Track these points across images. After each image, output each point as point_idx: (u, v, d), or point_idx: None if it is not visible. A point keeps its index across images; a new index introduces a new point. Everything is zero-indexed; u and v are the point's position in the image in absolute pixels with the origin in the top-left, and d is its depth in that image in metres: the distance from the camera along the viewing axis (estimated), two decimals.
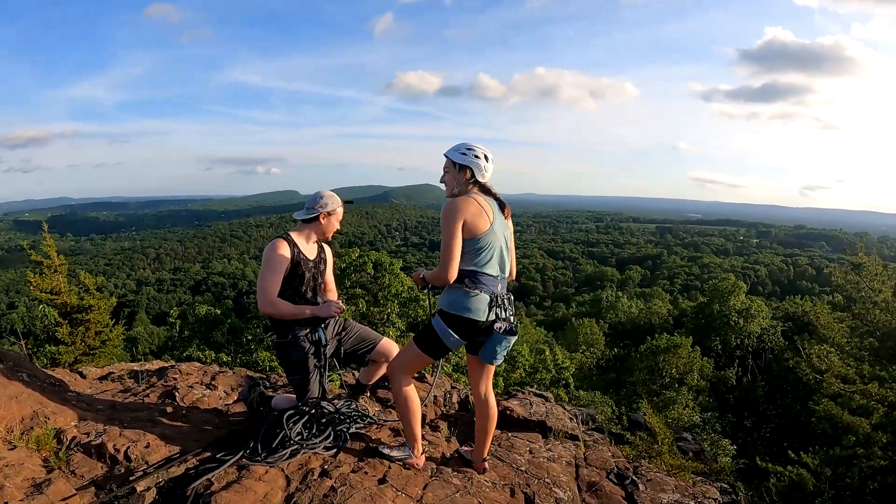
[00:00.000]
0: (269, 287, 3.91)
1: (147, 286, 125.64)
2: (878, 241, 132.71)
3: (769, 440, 22.46)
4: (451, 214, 3.45)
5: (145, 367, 5.86)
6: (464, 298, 3.50)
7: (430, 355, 3.68)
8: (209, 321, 14.58)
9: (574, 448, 4.65)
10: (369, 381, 4.73)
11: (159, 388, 4.84)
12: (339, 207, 4.21)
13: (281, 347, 4.10)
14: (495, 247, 3.59)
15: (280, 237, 4.08)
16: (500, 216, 3.67)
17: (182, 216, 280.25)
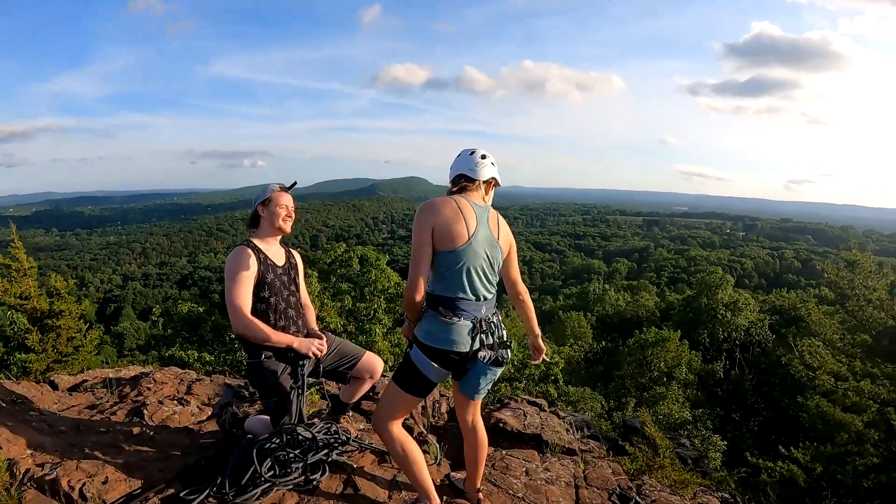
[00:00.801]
0: (240, 303, 3.42)
1: (133, 281, 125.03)
2: (864, 234, 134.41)
3: (758, 434, 22.50)
4: (418, 216, 2.98)
5: (120, 375, 5.52)
6: (440, 329, 2.98)
7: (414, 394, 3.14)
8: (192, 319, 14.26)
9: (573, 465, 4.38)
10: (351, 399, 4.22)
11: (128, 404, 4.48)
12: (275, 193, 3.72)
13: (253, 368, 3.60)
14: (472, 266, 3.01)
15: (241, 244, 3.64)
16: (485, 229, 3.08)
17: (168, 210, 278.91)
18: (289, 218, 3.75)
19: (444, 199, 3.04)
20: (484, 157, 3.17)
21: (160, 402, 4.54)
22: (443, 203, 3.00)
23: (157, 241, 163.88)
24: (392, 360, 12.54)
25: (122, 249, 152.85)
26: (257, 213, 3.73)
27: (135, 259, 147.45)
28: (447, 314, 2.96)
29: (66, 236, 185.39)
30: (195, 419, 4.43)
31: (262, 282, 3.55)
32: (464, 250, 2.96)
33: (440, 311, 2.97)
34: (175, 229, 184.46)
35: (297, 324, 3.73)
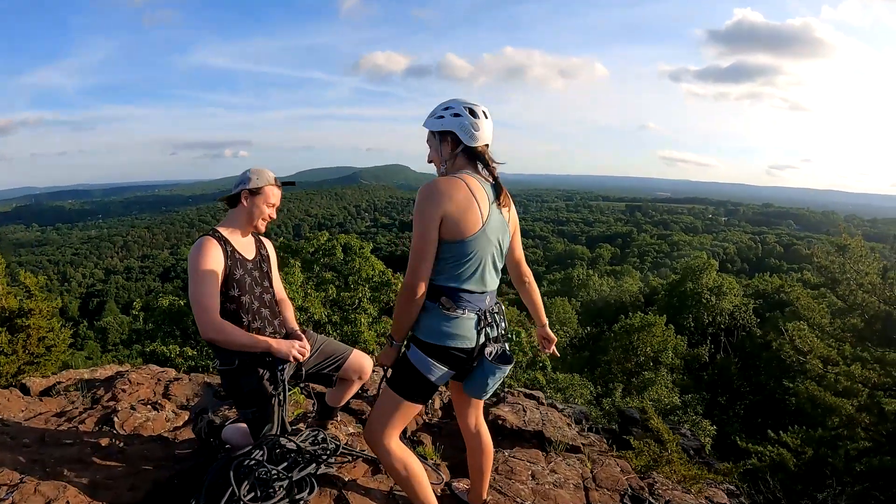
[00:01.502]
0: (208, 303, 2.97)
1: (115, 275, 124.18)
2: (845, 219, 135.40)
3: (744, 417, 22.61)
4: (426, 202, 2.51)
5: (95, 375, 5.22)
6: (443, 322, 2.59)
7: (414, 401, 2.71)
8: (173, 313, 14.00)
9: (579, 465, 4.13)
10: (339, 403, 3.83)
11: (98, 411, 4.09)
12: (269, 186, 3.23)
13: (226, 376, 3.17)
14: (484, 257, 2.64)
15: (206, 234, 3.16)
16: (495, 211, 2.67)
17: (149, 202, 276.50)
18: (270, 219, 3.33)
19: (451, 181, 2.56)
20: (475, 114, 2.66)
21: (132, 407, 4.17)
22: (452, 186, 2.54)
23: (138, 233, 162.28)
24: (378, 350, 12.34)
25: (103, 243, 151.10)
26: (239, 198, 3.24)
27: (116, 253, 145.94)
28: (450, 306, 2.60)
29: (46, 231, 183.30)
30: (170, 425, 4.08)
31: (231, 278, 3.11)
32: (475, 239, 2.57)
33: (442, 302, 2.60)
34: (156, 221, 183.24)
35: (273, 324, 3.33)
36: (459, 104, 2.65)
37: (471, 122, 2.63)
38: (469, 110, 2.64)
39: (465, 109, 2.64)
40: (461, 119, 2.62)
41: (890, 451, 9.26)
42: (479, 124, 2.64)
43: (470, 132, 2.63)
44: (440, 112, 2.68)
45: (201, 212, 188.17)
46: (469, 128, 2.63)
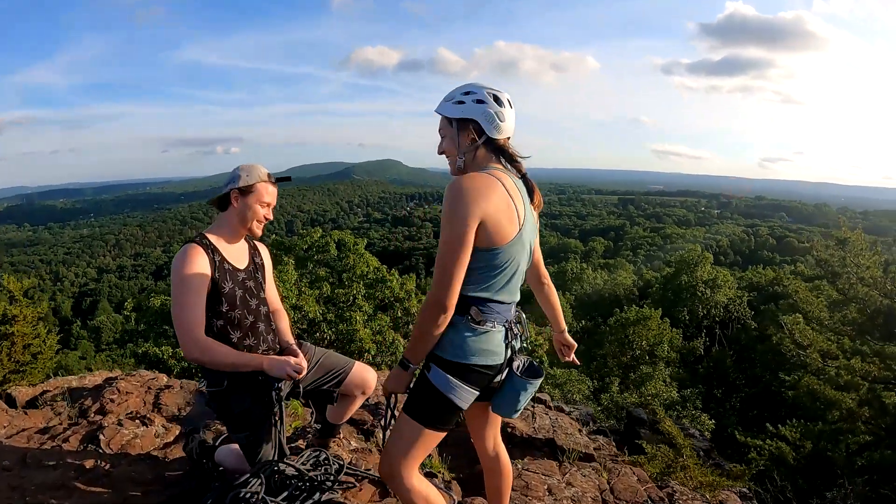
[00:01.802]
0: (191, 319, 2.65)
1: (108, 273, 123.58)
2: (837, 212, 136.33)
3: (740, 410, 22.59)
4: (460, 202, 2.14)
5: (84, 383, 4.99)
6: (471, 338, 2.29)
7: (438, 428, 2.38)
8: (165, 313, 13.82)
9: (595, 475, 3.95)
10: (341, 420, 3.50)
11: (83, 427, 3.79)
12: (262, 183, 2.87)
13: (216, 398, 2.86)
14: (518, 263, 2.35)
15: (191, 241, 2.80)
16: (530, 212, 2.40)
17: (141, 200, 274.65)
18: (266, 220, 2.94)
19: (486, 178, 2.22)
20: (500, 102, 2.34)
21: (119, 422, 3.87)
22: (488, 185, 2.20)
23: (130, 231, 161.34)
24: (374, 349, 12.20)
25: (95, 242, 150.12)
26: (228, 199, 2.88)
27: (109, 251, 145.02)
28: (480, 319, 2.29)
29: (38, 231, 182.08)
30: (160, 442, 3.79)
31: (218, 292, 2.78)
32: (511, 246, 2.26)
33: (472, 315, 2.28)
34: (149, 219, 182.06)
35: (267, 339, 3.01)
36: (482, 89, 2.34)
37: (496, 111, 2.32)
38: (493, 97, 2.33)
39: (490, 96, 2.32)
40: (485, 106, 2.31)
41: (891, 444, 9.24)
42: (505, 114, 2.34)
43: (495, 122, 2.32)
44: (459, 96, 2.36)
45: (193, 209, 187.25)
46: (494, 117, 2.32)
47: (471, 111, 2.31)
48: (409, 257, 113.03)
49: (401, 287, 14.56)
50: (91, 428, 3.80)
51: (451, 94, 2.39)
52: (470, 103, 2.32)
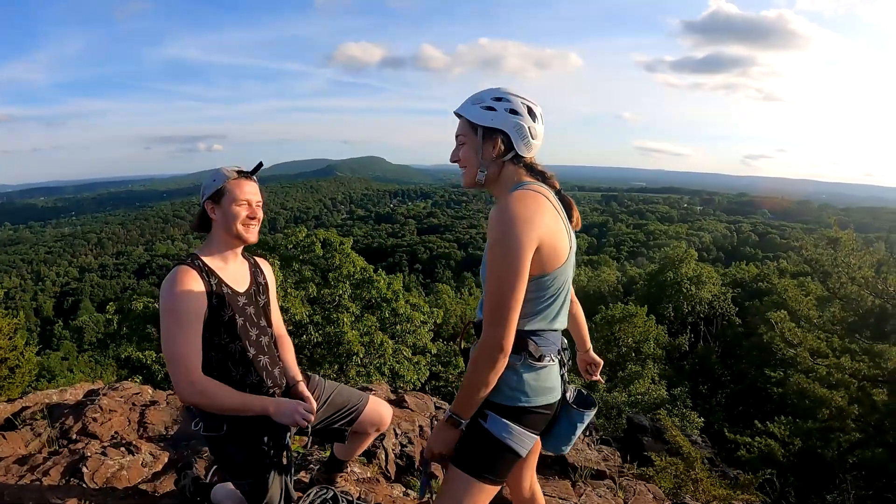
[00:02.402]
0: (186, 357, 2.26)
1: (90, 273, 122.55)
2: (819, 208, 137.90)
3: (726, 406, 22.70)
4: (514, 231, 1.86)
5: (65, 398, 4.74)
6: (531, 377, 2.02)
7: (495, 481, 2.08)
8: (148, 316, 13.58)
9: (611, 496, 3.78)
10: (349, 457, 3.18)
11: (65, 458, 3.43)
12: (231, 181, 2.46)
13: (214, 443, 2.51)
14: (568, 286, 2.12)
15: (181, 263, 2.41)
16: (572, 231, 2.16)
17: (122, 198, 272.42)
18: (253, 220, 2.51)
19: (535, 198, 1.97)
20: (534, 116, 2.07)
21: (104, 452, 3.52)
22: (539, 205, 1.95)
23: (112, 230, 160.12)
24: (363, 352, 12.06)
25: (77, 241, 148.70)
26: (205, 214, 2.50)
27: (91, 250, 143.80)
28: (539, 354, 2.02)
29: (19, 230, 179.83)
30: (148, 472, 3.45)
31: (217, 320, 2.40)
32: (564, 268, 2.02)
33: (530, 352, 2.01)
34: (130, 217, 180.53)
35: (272, 374, 2.61)
36: (517, 98, 2.05)
37: (529, 126, 2.04)
38: (528, 109, 2.05)
39: (524, 107, 2.04)
40: (518, 119, 2.03)
41: (881, 442, 9.28)
42: (537, 130, 2.07)
43: (527, 138, 2.05)
44: (489, 101, 2.05)
45: (176, 207, 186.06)
46: (527, 132, 2.04)
47: (502, 121, 2.03)
48: (392, 254, 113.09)
49: (388, 287, 14.42)
50: (73, 458, 3.47)
51: (479, 96, 2.10)
52: (501, 112, 2.03)
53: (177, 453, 3.60)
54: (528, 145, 2.06)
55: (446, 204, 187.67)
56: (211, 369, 2.37)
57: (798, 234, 76.83)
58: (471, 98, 2.11)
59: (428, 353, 15.08)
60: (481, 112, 2.04)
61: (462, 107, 2.11)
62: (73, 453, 3.51)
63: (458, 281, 76.01)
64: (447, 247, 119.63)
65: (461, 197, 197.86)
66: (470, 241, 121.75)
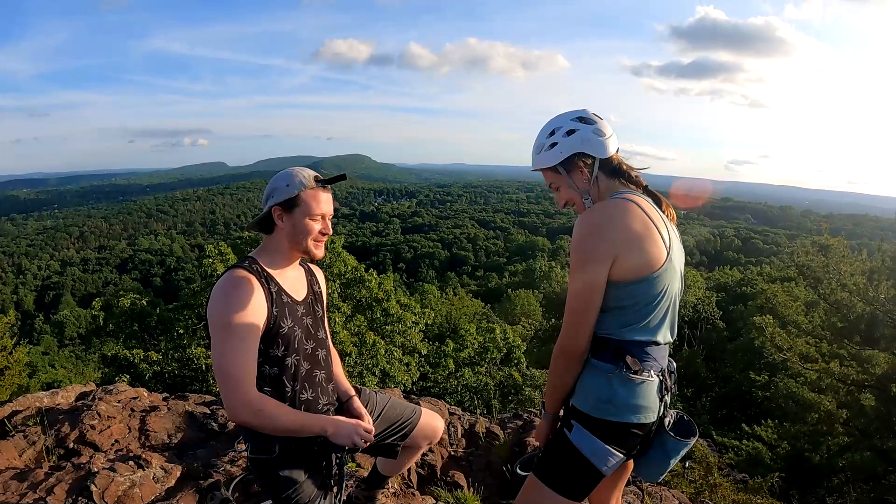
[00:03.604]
0: (241, 374, 2.04)
1: (72, 266, 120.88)
2: (801, 214, 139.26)
3: (710, 409, 22.81)
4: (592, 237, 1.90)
5: (57, 401, 4.55)
6: (625, 391, 1.91)
7: (574, 497, 2.00)
8: (135, 314, 13.40)
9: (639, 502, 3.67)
10: (395, 472, 3.01)
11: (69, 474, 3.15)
12: (309, 190, 2.21)
13: (261, 466, 2.25)
14: (673, 293, 1.99)
15: (237, 266, 2.17)
16: (673, 230, 2.06)
17: (106, 191, 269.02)
18: (324, 237, 2.30)
19: (619, 204, 1.95)
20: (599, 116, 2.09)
21: (111, 466, 3.26)
22: (618, 212, 1.92)
23: (95, 223, 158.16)
24: (355, 352, 11.98)
25: (59, 234, 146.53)
26: (271, 218, 2.25)
27: (73, 243, 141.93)
28: (638, 368, 1.92)
29: (1, 222, 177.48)
30: (161, 489, 3.20)
31: (276, 333, 2.15)
32: (663, 272, 1.92)
33: (629, 364, 1.91)
34: (114, 211, 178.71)
35: (327, 391, 2.40)
36: (565, 119, 2.08)
37: (593, 130, 2.03)
38: (580, 119, 2.06)
39: (577, 121, 2.06)
40: (581, 133, 2.03)
41: (869, 446, 9.38)
42: (601, 127, 2.05)
43: (598, 140, 2.03)
44: (547, 140, 2.08)
45: (159, 201, 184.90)
46: (594, 136, 2.03)
47: (569, 146, 2.04)
48: (376, 253, 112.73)
49: (379, 287, 14.34)
50: (79, 474, 3.21)
51: (537, 144, 2.13)
52: (562, 139, 2.04)
53: (188, 467, 3.40)
54: (604, 144, 2.04)
55: (431, 203, 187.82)
56: (264, 384, 2.16)
57: (781, 240, 77.44)
58: (534, 150, 2.15)
59: (417, 353, 15.03)
60: (549, 154, 2.08)
61: (535, 163, 2.16)
62: (77, 468, 3.27)
63: (441, 281, 75.98)
64: (431, 246, 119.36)
65: (446, 197, 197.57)
66: (454, 241, 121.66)
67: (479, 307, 37.01)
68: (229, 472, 3.36)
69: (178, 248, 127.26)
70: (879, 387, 9.45)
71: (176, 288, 63.82)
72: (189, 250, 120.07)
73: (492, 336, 17.67)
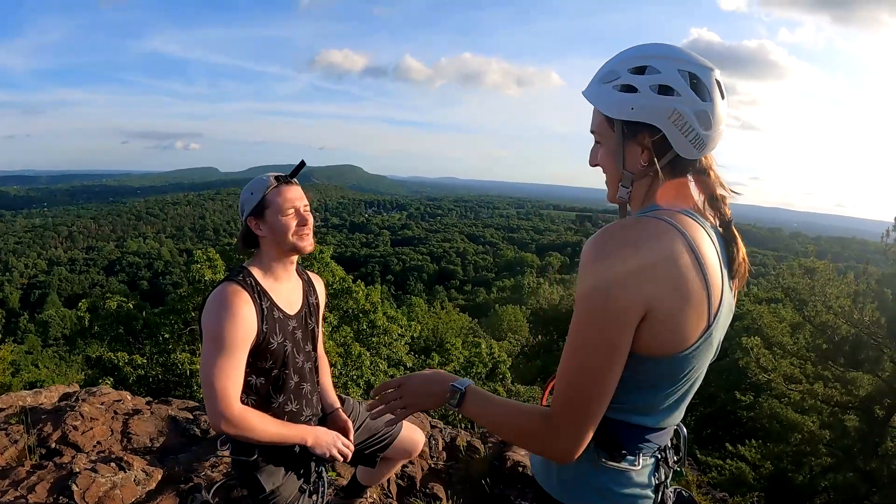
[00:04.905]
0: (226, 387, 2.04)
1: (59, 266, 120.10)
2: (790, 236, 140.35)
3: (695, 428, 22.82)
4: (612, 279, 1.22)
5: (40, 400, 4.56)
6: (607, 479, 1.40)
7: None
8: (121, 316, 13.35)
9: None
10: (373, 482, 3.07)
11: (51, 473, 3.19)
12: (271, 190, 2.21)
13: (242, 468, 2.30)
14: (699, 374, 1.38)
15: (230, 280, 2.17)
16: (728, 287, 1.35)
17: (96, 192, 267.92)
18: (305, 226, 2.26)
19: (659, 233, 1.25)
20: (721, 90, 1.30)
21: (93, 467, 3.29)
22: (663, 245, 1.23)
23: (84, 224, 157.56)
24: (340, 362, 11.98)
25: (47, 232, 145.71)
26: (250, 232, 2.26)
27: (61, 243, 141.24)
28: (617, 454, 1.38)
29: None
30: (142, 491, 3.22)
31: (264, 349, 2.18)
32: (697, 351, 1.29)
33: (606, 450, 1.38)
34: (103, 212, 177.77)
35: (311, 402, 2.44)
36: (669, 62, 1.28)
37: (698, 111, 1.27)
38: (691, 78, 1.27)
39: (686, 76, 1.27)
40: (677, 100, 1.27)
41: (852, 467, 9.45)
42: (715, 111, 1.29)
43: (695, 131, 1.28)
44: (627, 76, 1.31)
45: (149, 204, 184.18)
46: (694, 121, 1.27)
47: (650, 110, 1.28)
48: (365, 264, 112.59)
49: (366, 298, 14.34)
50: (61, 474, 3.25)
51: (609, 66, 1.36)
52: (646, 91, 1.28)
53: (169, 471, 3.43)
54: (699, 141, 1.30)
55: (421, 216, 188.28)
56: (250, 393, 2.24)
57: (769, 262, 78.01)
58: (601, 70, 1.38)
59: (403, 366, 15.04)
60: (615, 96, 1.32)
61: (589, 89, 1.40)
62: (59, 468, 3.31)
63: (429, 294, 75.97)
64: (420, 259, 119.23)
65: (436, 210, 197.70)
66: (443, 255, 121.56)
67: (466, 321, 36.99)
68: (210, 477, 3.38)
69: (167, 251, 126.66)
70: (863, 408, 9.55)
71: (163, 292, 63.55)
72: (177, 255, 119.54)
73: (477, 351, 17.70)
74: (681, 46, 1.30)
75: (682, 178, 1.38)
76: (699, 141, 1.29)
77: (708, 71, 1.28)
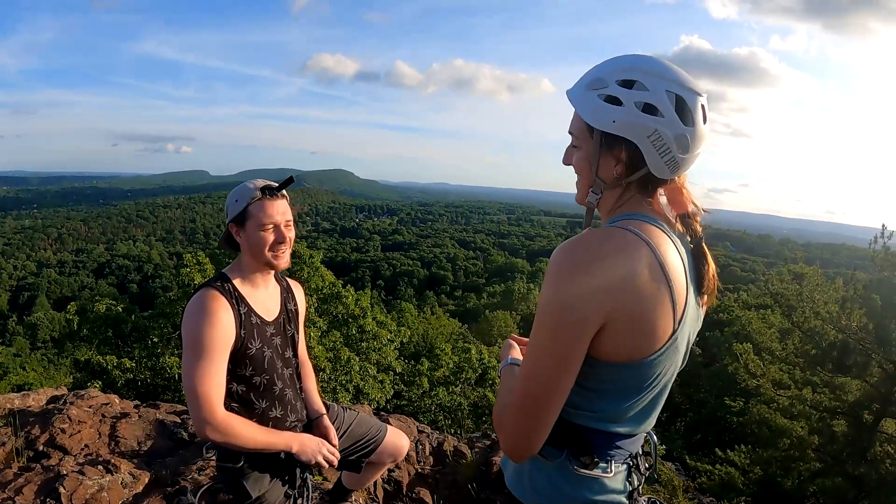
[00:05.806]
0: (208, 393, 2.03)
1: (48, 268, 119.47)
2: (780, 242, 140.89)
3: (684, 434, 22.87)
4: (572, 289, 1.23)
5: (28, 403, 4.53)
6: (581, 488, 1.41)
7: None
8: (110, 320, 13.29)
9: None
10: (359, 486, 3.06)
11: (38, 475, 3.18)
12: (254, 203, 2.17)
13: (227, 474, 2.30)
14: (667, 379, 1.39)
15: (208, 286, 2.19)
16: (693, 296, 1.36)
17: (86, 194, 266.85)
18: (282, 244, 2.23)
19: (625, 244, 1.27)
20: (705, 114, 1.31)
21: (80, 469, 3.28)
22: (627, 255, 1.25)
23: (74, 226, 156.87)
24: (329, 367, 11.95)
25: (37, 234, 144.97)
26: (231, 235, 2.27)
27: (50, 245, 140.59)
28: (590, 462, 1.40)
29: None
30: (129, 494, 3.21)
31: (243, 353, 2.18)
32: (662, 356, 1.31)
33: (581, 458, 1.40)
34: (93, 214, 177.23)
35: (296, 408, 2.45)
36: (659, 80, 1.28)
37: (678, 134, 1.28)
38: (677, 101, 1.27)
39: (672, 99, 1.27)
40: (659, 121, 1.27)
41: (840, 472, 9.50)
42: (696, 136, 1.31)
43: (671, 153, 1.30)
44: (614, 87, 1.30)
45: (140, 207, 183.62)
46: (672, 144, 1.29)
47: (631, 126, 1.29)
48: (355, 269, 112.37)
49: (356, 303, 14.34)
50: (48, 476, 3.25)
51: (599, 74, 1.34)
52: (631, 107, 1.28)
53: (157, 474, 3.43)
54: (673, 164, 1.31)
55: (412, 222, 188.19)
56: (233, 401, 2.23)
57: (758, 268, 78.38)
58: (589, 74, 1.37)
59: (392, 371, 15.04)
60: (600, 105, 1.32)
61: (574, 89, 1.39)
62: (47, 470, 3.31)
63: (420, 299, 75.88)
64: (411, 265, 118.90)
65: (427, 215, 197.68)
66: (434, 260, 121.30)
67: (457, 327, 37.01)
68: (197, 480, 3.40)
69: (157, 255, 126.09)
70: (851, 413, 9.59)
71: (152, 295, 63.33)
72: (167, 258, 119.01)
73: (467, 356, 17.74)
74: (672, 63, 1.31)
75: (651, 191, 1.40)
76: (674, 163, 1.31)
77: (695, 96, 1.29)
